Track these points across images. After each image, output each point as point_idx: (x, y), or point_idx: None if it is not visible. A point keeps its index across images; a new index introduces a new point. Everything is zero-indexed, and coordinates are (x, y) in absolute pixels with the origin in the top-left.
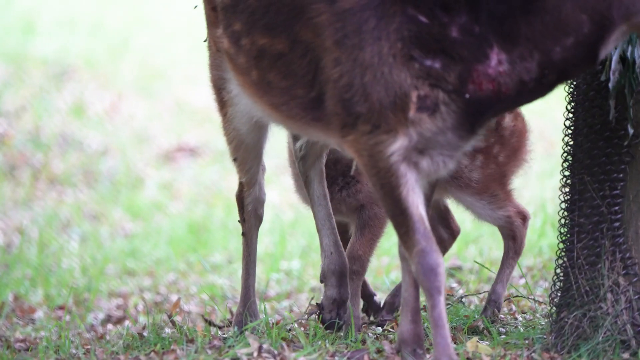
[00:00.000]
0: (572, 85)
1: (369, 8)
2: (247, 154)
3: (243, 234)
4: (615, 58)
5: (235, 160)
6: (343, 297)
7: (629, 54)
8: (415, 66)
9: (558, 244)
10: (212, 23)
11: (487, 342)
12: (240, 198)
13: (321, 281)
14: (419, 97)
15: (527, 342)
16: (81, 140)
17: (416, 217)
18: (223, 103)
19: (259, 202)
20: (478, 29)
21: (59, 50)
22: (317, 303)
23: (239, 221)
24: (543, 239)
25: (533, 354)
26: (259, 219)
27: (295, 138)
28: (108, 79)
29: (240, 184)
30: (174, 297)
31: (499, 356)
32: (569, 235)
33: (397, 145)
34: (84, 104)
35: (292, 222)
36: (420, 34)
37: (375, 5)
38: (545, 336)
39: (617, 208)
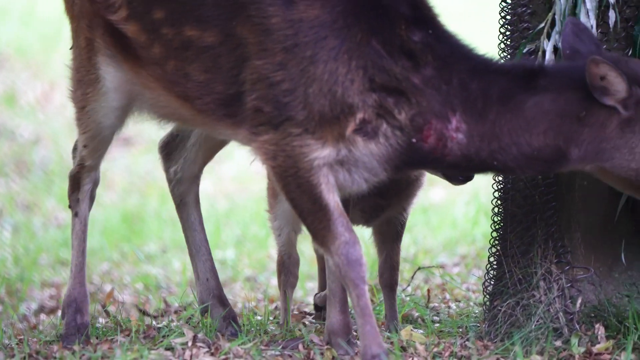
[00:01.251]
0: None
1: (328, 27)
2: (101, 144)
3: (76, 214)
4: (549, 48)
5: (85, 147)
6: (231, 312)
7: (560, 43)
8: (371, 96)
9: (491, 232)
10: (94, 12)
11: (421, 331)
12: (77, 178)
13: (202, 314)
14: (362, 120)
15: (460, 330)
16: (13, 129)
17: (337, 211)
18: (85, 98)
19: (96, 184)
20: (445, 89)
21: None
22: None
23: (69, 206)
24: (476, 227)
25: (467, 342)
26: (93, 200)
27: (168, 163)
28: (40, 68)
29: (81, 165)
30: (107, 287)
31: (432, 344)
32: (502, 224)
33: (324, 153)
34: (16, 93)
35: (226, 211)
36: (381, 69)
37: (337, 27)
38: (478, 324)
39: (549, 197)
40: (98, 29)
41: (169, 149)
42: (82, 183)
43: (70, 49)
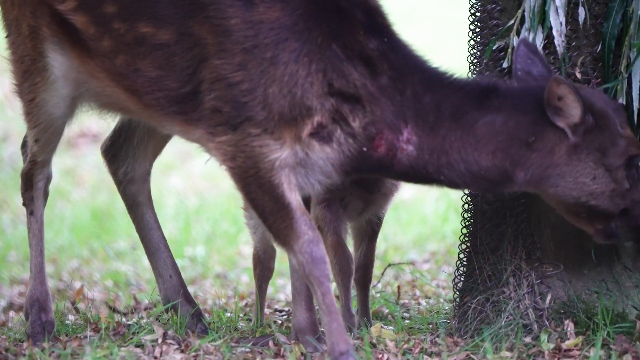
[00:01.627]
0: (474, 72)
1: (289, 30)
2: (53, 136)
3: (31, 212)
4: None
5: (36, 141)
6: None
7: (529, 40)
8: (329, 100)
9: (461, 229)
10: (40, 0)
11: (392, 327)
12: (30, 175)
13: (167, 311)
14: (319, 124)
15: (430, 327)
16: None
17: (300, 210)
18: (34, 89)
19: (49, 180)
20: (399, 100)
21: None
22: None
23: (23, 204)
24: (446, 224)
25: (437, 339)
26: (46, 197)
27: (115, 164)
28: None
29: (32, 162)
30: (77, 284)
31: (402, 341)
32: (472, 221)
33: (283, 154)
34: None
35: (196, 208)
36: (340, 73)
37: (298, 30)
38: (448, 321)
39: (519, 194)
40: (44, 17)
41: (114, 151)
42: (35, 180)
43: (7, 37)
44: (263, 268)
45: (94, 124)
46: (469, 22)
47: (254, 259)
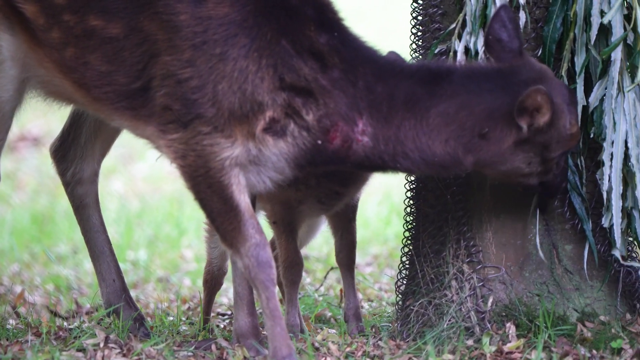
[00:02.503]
0: None
1: (238, 26)
2: (3, 123)
3: None
4: (460, 49)
5: None
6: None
7: (471, 44)
8: (281, 95)
9: (404, 232)
10: None
11: (334, 331)
12: None
13: (108, 315)
14: (272, 119)
15: (373, 330)
16: None
17: (248, 213)
18: None
19: None
20: (352, 92)
21: None
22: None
23: None
24: (389, 227)
25: (379, 342)
26: None
27: (64, 165)
28: None
29: None
30: (18, 289)
31: (345, 344)
32: (414, 224)
33: (235, 152)
34: None
35: (138, 212)
36: (291, 68)
37: (247, 26)
38: (391, 324)
39: (461, 197)
40: None
41: (63, 151)
42: None
43: None
44: (215, 283)
45: (35, 128)
46: (411, 26)
47: (207, 274)
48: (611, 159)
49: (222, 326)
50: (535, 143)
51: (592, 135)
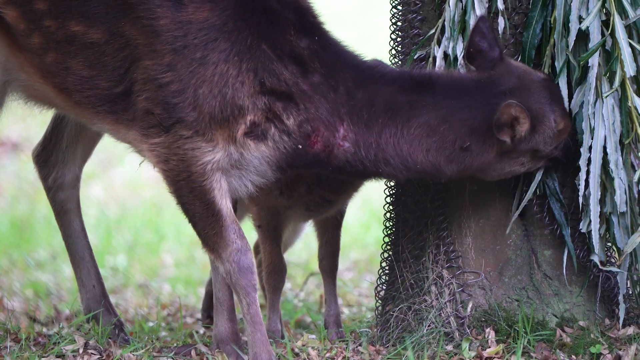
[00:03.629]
0: None
1: (218, 30)
2: None
3: None
4: (439, 55)
5: None
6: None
7: (450, 50)
8: (261, 99)
9: (383, 237)
10: None
11: (314, 336)
12: None
13: (88, 321)
14: (252, 123)
15: (353, 335)
16: None
17: (230, 218)
18: None
19: None
20: (332, 97)
21: None
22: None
23: None
24: (368, 233)
25: (359, 347)
26: None
27: (46, 170)
28: None
29: None
30: None
31: (325, 350)
32: (394, 229)
33: (216, 156)
34: None
35: (117, 217)
36: (271, 72)
37: (227, 30)
38: (370, 329)
39: (440, 202)
40: None
41: (45, 156)
42: None
43: None
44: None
45: (14, 133)
46: (390, 32)
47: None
48: (589, 164)
49: (201, 332)
50: (522, 150)
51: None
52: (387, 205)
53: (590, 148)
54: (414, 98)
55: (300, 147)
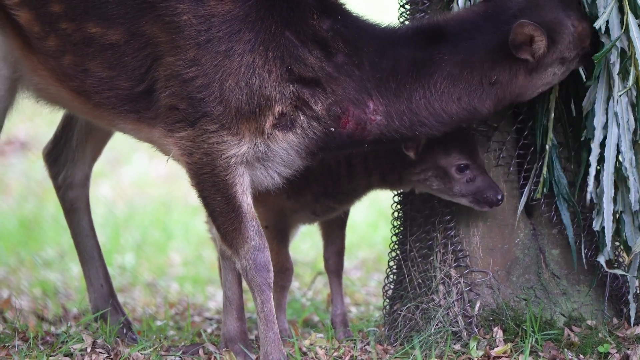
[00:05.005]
0: None
1: (242, 21)
2: None
3: None
4: None
5: None
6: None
7: None
8: (289, 87)
9: (391, 237)
10: None
11: (322, 335)
12: None
13: (96, 320)
14: (281, 113)
15: (360, 334)
16: None
17: (250, 214)
18: None
19: None
20: (358, 73)
21: None
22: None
23: None
24: (376, 232)
25: (367, 346)
26: None
27: (56, 168)
28: None
29: None
30: (4, 293)
31: (333, 349)
32: (402, 229)
33: (242, 150)
34: None
35: (126, 216)
36: (297, 59)
37: (250, 20)
38: (378, 328)
39: (448, 201)
40: None
41: (55, 154)
42: None
43: None
44: None
45: (22, 132)
46: None
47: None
48: (601, 162)
49: (209, 331)
50: (548, 62)
51: (583, 139)
52: (395, 204)
53: (601, 145)
54: (431, 53)
55: (333, 130)
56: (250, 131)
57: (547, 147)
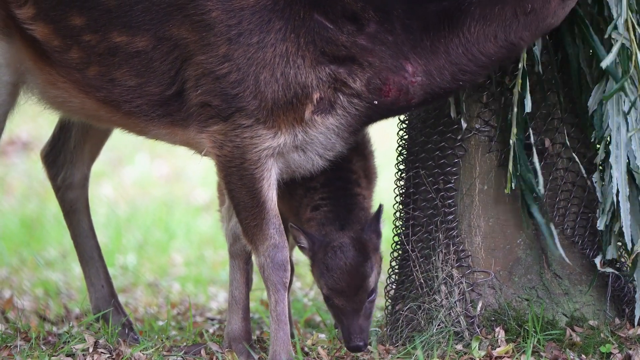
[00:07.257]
0: None
1: (270, 10)
2: None
3: None
4: None
5: None
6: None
7: None
8: (324, 70)
9: (393, 237)
10: None
11: (324, 335)
12: None
13: (98, 320)
14: (319, 99)
15: None
16: None
17: (273, 212)
18: None
19: None
20: (392, 39)
21: None
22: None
23: None
24: None
25: (369, 347)
26: None
27: (54, 170)
28: None
29: None
30: (7, 293)
31: (335, 349)
32: (404, 229)
33: (276, 142)
34: None
35: (127, 216)
36: (329, 40)
37: (279, 8)
38: (380, 328)
39: (450, 201)
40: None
41: (54, 156)
42: None
43: None
44: None
45: (24, 132)
46: None
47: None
48: (606, 161)
49: (211, 331)
50: None
51: (593, 139)
52: (397, 204)
53: (609, 145)
54: (458, 1)
55: (376, 102)
56: (287, 122)
57: (512, 142)
